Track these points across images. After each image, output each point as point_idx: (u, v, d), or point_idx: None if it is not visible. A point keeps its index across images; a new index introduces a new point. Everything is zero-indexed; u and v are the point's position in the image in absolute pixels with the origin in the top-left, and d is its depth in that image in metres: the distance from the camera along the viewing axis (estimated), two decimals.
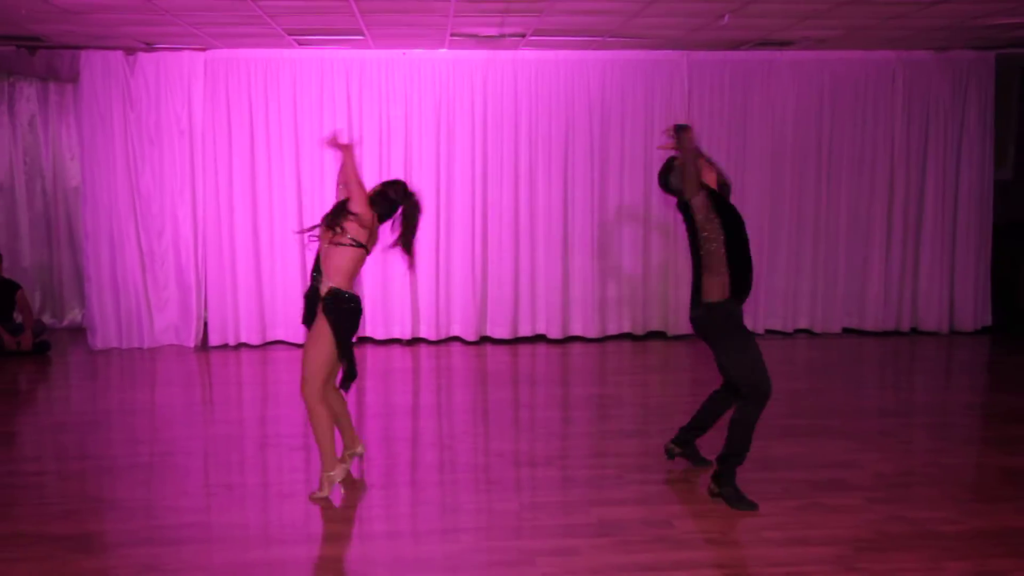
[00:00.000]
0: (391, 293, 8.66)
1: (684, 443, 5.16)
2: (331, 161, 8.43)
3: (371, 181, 8.34)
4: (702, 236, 4.51)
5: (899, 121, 8.99)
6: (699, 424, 5.08)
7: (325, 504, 4.60)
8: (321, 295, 4.57)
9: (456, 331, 8.82)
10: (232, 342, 8.51)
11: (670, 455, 5.18)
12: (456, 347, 8.61)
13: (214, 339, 8.49)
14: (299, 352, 8.25)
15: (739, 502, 4.52)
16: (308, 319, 4.66)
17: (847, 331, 9.22)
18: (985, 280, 9.28)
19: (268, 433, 5.86)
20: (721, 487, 4.59)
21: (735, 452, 4.56)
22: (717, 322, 4.52)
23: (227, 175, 8.40)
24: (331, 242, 4.55)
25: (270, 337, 8.62)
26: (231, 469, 5.19)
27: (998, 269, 9.53)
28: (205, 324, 8.59)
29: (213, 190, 8.41)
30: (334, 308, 4.53)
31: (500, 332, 8.79)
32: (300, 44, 8.05)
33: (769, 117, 8.93)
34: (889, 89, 8.96)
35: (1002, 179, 9.85)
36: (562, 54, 8.59)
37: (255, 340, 8.52)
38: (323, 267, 4.59)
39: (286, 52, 8.29)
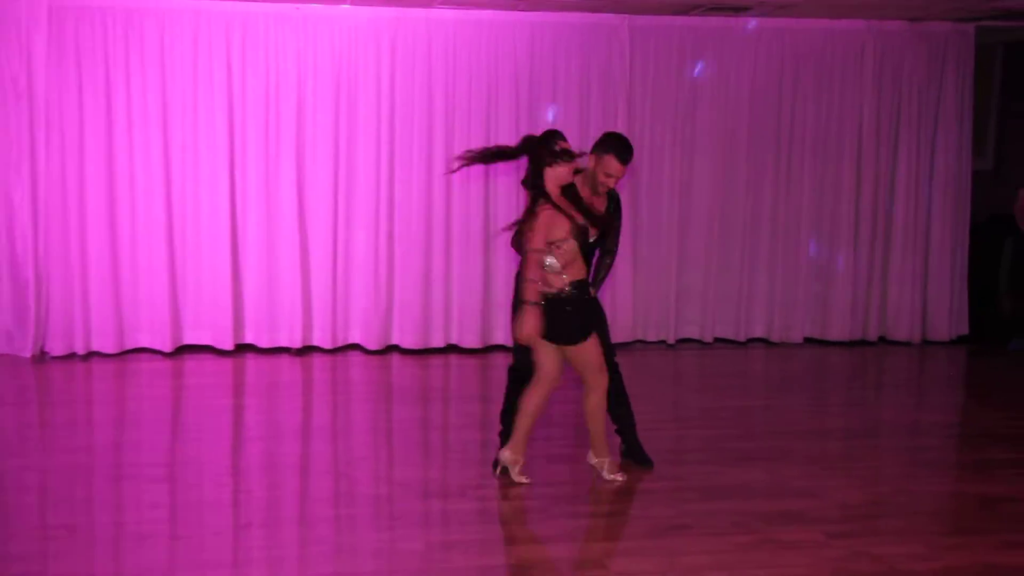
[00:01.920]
0: (278, 293, 8.53)
1: (624, 442, 5.65)
2: (206, 136, 8.29)
3: (253, 159, 8.34)
4: None
5: (868, 102, 9.19)
6: (617, 418, 5.63)
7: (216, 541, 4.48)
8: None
9: (355, 338, 8.75)
10: (81, 351, 8.26)
11: (624, 455, 5.68)
12: (355, 357, 8.53)
13: (56, 347, 8.22)
14: (163, 362, 8.09)
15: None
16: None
17: (808, 341, 9.38)
18: (961, 283, 9.54)
19: (123, 462, 5.70)
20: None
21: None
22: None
23: (76, 150, 8.13)
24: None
25: (130, 344, 8.40)
26: (75, 507, 5.01)
27: (976, 271, 9.82)
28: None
29: (59, 167, 8.13)
30: None
31: (408, 340, 8.73)
32: None
33: (721, 94, 9.04)
34: (858, 64, 9.16)
35: (981, 169, 10.16)
36: (484, 14, 8.57)
37: (110, 348, 8.29)
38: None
39: (151, 1, 8.10)
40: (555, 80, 8.78)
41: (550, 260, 5.00)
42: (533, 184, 5.05)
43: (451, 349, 8.85)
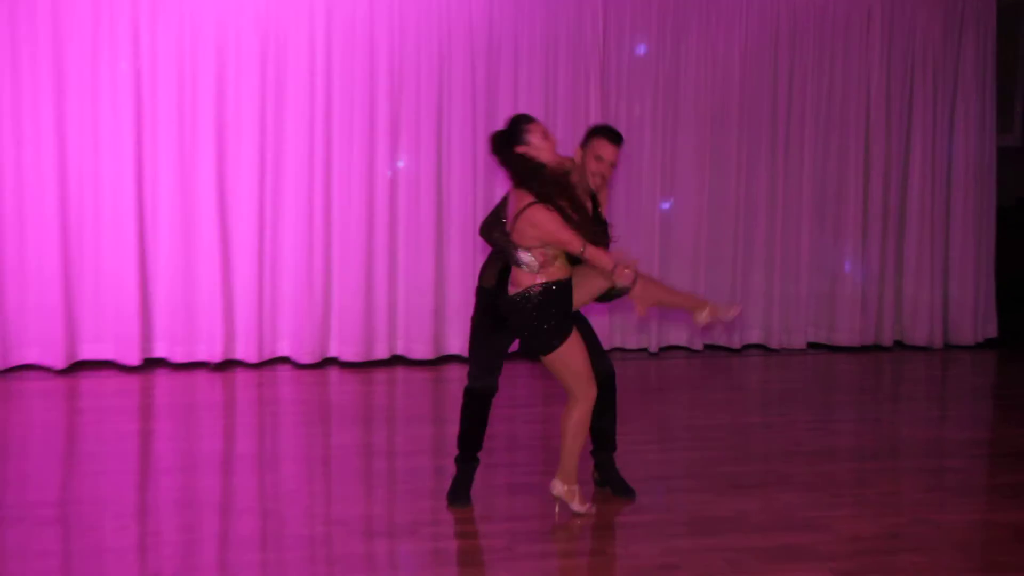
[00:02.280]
0: (194, 298, 8.48)
1: (600, 466, 5.72)
2: (108, 110, 8.19)
3: (164, 142, 8.24)
4: None
5: (876, 72, 9.26)
6: (597, 438, 5.67)
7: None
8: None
9: (285, 350, 8.72)
10: None
11: (598, 483, 5.76)
12: (285, 372, 8.48)
13: None
14: (55, 381, 7.98)
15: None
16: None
17: (813, 346, 9.43)
18: (988, 278, 9.63)
19: (6, 502, 5.57)
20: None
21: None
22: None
23: None
24: None
25: (15, 361, 8.31)
26: None
27: (1005, 263, 9.88)
28: None
29: None
30: None
31: (348, 352, 8.71)
32: None
33: (710, 66, 9.08)
34: (864, 30, 9.23)
35: (1007, 146, 10.23)
36: None
37: None
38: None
39: None
40: (517, 50, 8.81)
41: (529, 258, 4.98)
42: (519, 178, 5.02)
43: (397, 361, 8.84)
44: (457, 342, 8.85)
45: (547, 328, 5.08)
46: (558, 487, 5.32)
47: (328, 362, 8.74)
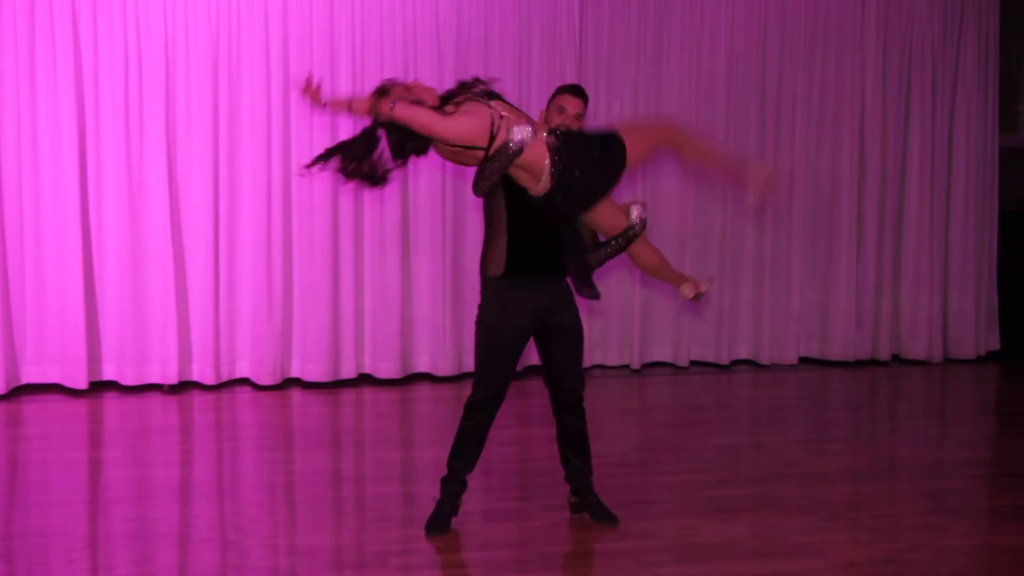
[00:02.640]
0: (145, 315, 8.46)
1: (576, 491, 5.73)
2: (47, 114, 8.18)
3: (109, 146, 8.25)
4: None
5: (871, 67, 9.32)
6: (565, 462, 5.70)
7: None
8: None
9: (244, 371, 8.72)
10: None
11: (574, 509, 5.77)
12: (245, 394, 8.49)
13: None
14: (72, 402, 7.97)
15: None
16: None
17: (805, 361, 9.48)
18: (990, 287, 9.68)
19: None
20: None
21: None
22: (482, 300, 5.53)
23: None
24: None
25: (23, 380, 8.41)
26: None
27: (1007, 271, 9.94)
28: None
29: None
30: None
31: (312, 372, 8.71)
32: None
33: (694, 60, 9.11)
34: (858, 21, 9.28)
35: (1011, 146, 10.30)
36: None
37: None
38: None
39: None
40: (487, 43, 8.82)
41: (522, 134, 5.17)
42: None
43: (364, 380, 8.84)
44: (425, 360, 8.87)
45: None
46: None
47: (290, 383, 8.71)
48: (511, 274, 5.35)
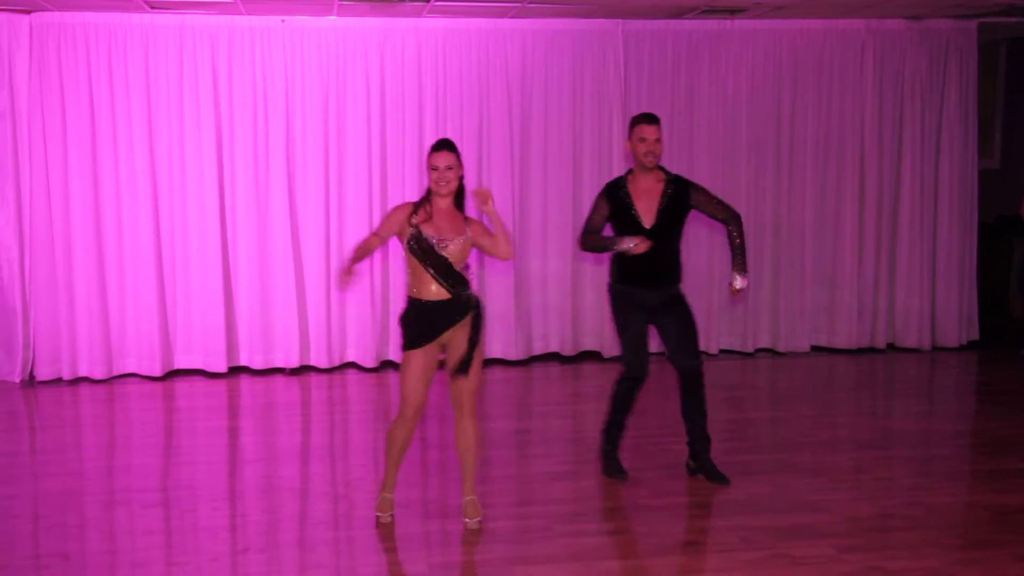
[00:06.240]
0: (272, 312, 8.55)
1: (693, 455, 5.77)
2: (194, 154, 8.30)
3: (243, 178, 8.36)
4: None
5: (870, 103, 9.23)
6: (689, 434, 5.79)
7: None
8: (472, 302, 4.95)
9: (352, 356, 8.77)
10: (67, 376, 8.26)
11: (690, 471, 5.82)
12: (352, 375, 8.56)
13: (44, 373, 8.24)
14: (153, 386, 8.10)
15: (608, 470, 5.73)
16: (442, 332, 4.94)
17: (816, 349, 9.41)
18: (971, 287, 9.57)
19: (116, 487, 5.70)
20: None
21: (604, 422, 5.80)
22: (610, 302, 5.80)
23: (61, 169, 8.15)
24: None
25: (118, 370, 8.42)
26: (68, 534, 5.02)
27: (985, 273, 9.83)
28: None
29: (43, 188, 8.14)
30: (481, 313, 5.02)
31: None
32: (153, 8, 7.90)
33: (720, 99, 9.07)
34: (858, 65, 9.20)
35: (987, 168, 10.18)
36: (474, 23, 8.61)
37: (99, 374, 8.29)
38: (457, 273, 4.92)
39: (135, 17, 8.11)
40: (547, 88, 8.82)
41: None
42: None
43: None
44: (498, 347, 8.91)
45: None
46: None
47: (386, 365, 8.73)
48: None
